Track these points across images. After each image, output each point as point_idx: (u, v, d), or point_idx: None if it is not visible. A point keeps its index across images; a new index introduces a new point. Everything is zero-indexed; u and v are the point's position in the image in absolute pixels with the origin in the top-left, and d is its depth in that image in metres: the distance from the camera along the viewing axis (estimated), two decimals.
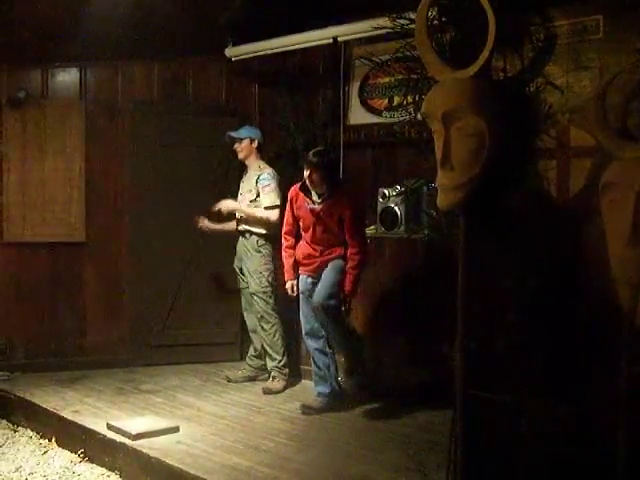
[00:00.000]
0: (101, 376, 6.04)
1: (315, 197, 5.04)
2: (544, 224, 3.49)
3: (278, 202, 5.60)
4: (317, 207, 5.01)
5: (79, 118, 6.30)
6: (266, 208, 5.62)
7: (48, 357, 6.23)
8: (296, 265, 5.22)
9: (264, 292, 5.67)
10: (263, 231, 5.67)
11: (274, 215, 5.59)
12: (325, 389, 5.10)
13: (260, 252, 5.69)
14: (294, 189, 5.19)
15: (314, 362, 5.14)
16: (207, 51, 6.40)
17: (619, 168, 3.01)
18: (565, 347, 3.42)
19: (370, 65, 5.47)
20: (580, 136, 3.57)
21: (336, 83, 6.05)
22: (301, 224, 5.16)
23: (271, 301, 5.68)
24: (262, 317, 5.68)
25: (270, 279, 5.69)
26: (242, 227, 5.79)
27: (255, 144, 5.82)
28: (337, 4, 5.32)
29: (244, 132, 5.85)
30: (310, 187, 5.03)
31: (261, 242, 5.69)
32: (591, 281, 3.32)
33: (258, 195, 5.68)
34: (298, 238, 5.25)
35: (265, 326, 5.68)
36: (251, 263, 5.72)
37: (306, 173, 5.00)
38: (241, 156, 5.85)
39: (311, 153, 5.03)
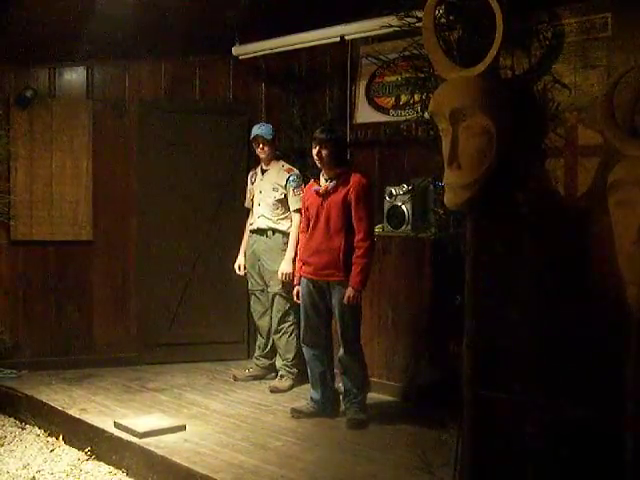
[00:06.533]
0: (108, 374, 6.06)
1: (323, 181, 4.87)
2: (551, 223, 3.48)
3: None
4: (323, 188, 4.81)
5: (86, 117, 6.30)
6: (295, 211, 5.57)
7: (55, 355, 6.25)
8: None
9: (287, 291, 5.62)
10: (289, 231, 5.62)
11: (299, 218, 5.46)
12: (316, 395, 4.99)
13: (285, 251, 5.64)
14: (309, 185, 5.08)
15: (309, 367, 5.04)
16: (214, 50, 6.41)
17: (627, 166, 3.00)
18: (573, 346, 3.41)
19: (377, 63, 5.46)
20: (588, 135, 3.55)
21: (343, 81, 6.05)
22: (309, 216, 4.94)
23: (291, 300, 5.65)
24: (283, 316, 5.66)
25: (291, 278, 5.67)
26: (265, 225, 5.71)
27: (276, 142, 5.79)
28: (344, 2, 5.30)
29: (269, 132, 5.71)
30: (319, 165, 4.84)
31: (286, 241, 5.64)
32: (599, 280, 3.31)
33: (286, 195, 5.63)
34: None
35: (284, 325, 5.67)
36: (274, 262, 5.65)
37: (314, 151, 4.81)
38: (263, 155, 5.74)
39: (318, 130, 4.85)
